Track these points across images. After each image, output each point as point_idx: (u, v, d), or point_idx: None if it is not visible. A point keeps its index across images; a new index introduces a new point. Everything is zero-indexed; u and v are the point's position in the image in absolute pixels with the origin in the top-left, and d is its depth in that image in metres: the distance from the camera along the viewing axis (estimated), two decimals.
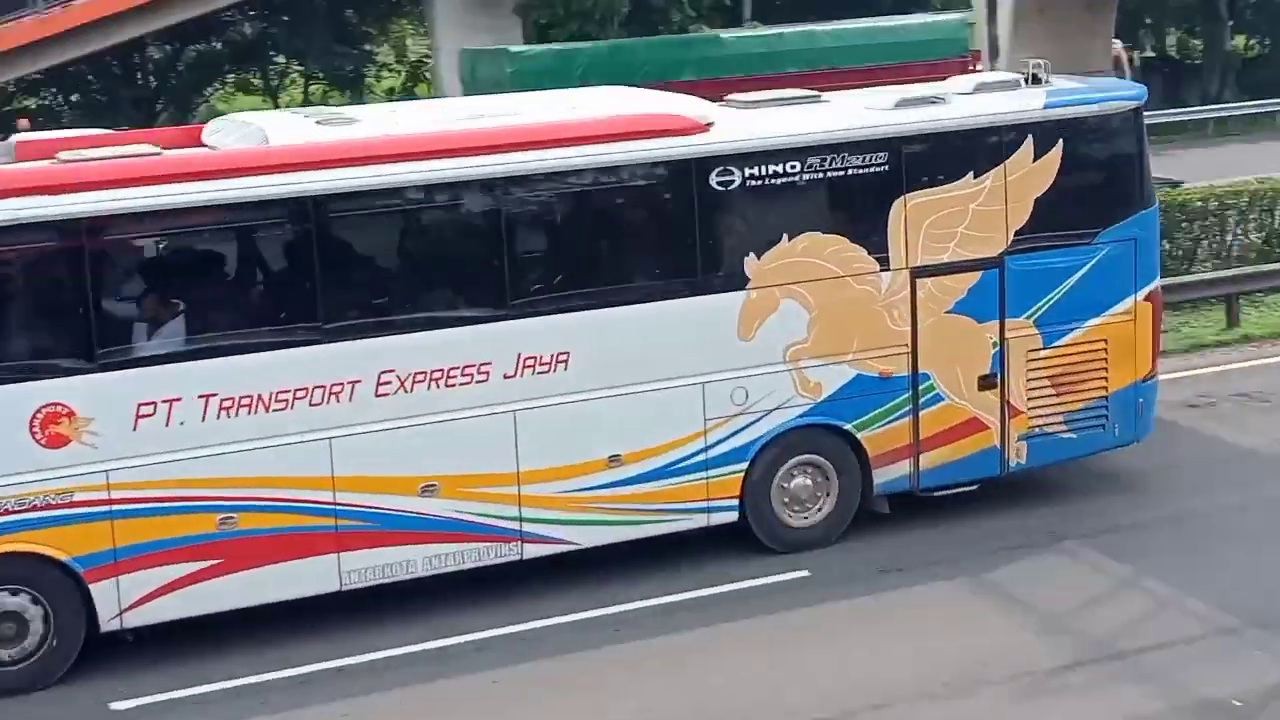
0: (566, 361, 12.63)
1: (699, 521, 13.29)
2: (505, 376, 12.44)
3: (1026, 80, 14.26)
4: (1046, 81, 14.28)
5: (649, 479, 13.06)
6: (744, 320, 13.14)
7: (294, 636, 11.97)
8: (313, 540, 12.04)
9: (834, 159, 13.24)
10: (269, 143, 12.33)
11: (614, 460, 12.91)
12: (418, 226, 12.79)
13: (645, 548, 13.07)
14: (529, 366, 12.56)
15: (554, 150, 12.50)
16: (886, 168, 13.36)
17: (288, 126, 13.06)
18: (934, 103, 13.79)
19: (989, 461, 14.03)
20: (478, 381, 12.35)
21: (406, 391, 12.14)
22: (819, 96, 14.17)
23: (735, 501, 13.35)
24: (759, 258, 13.10)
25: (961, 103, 13.81)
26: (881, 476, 13.72)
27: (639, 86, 15.80)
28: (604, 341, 12.78)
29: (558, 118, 13.26)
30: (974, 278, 13.70)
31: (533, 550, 12.81)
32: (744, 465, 13.32)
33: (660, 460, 13.08)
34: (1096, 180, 14.29)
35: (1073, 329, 14.03)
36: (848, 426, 13.53)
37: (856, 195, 13.52)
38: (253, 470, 11.78)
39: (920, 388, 13.69)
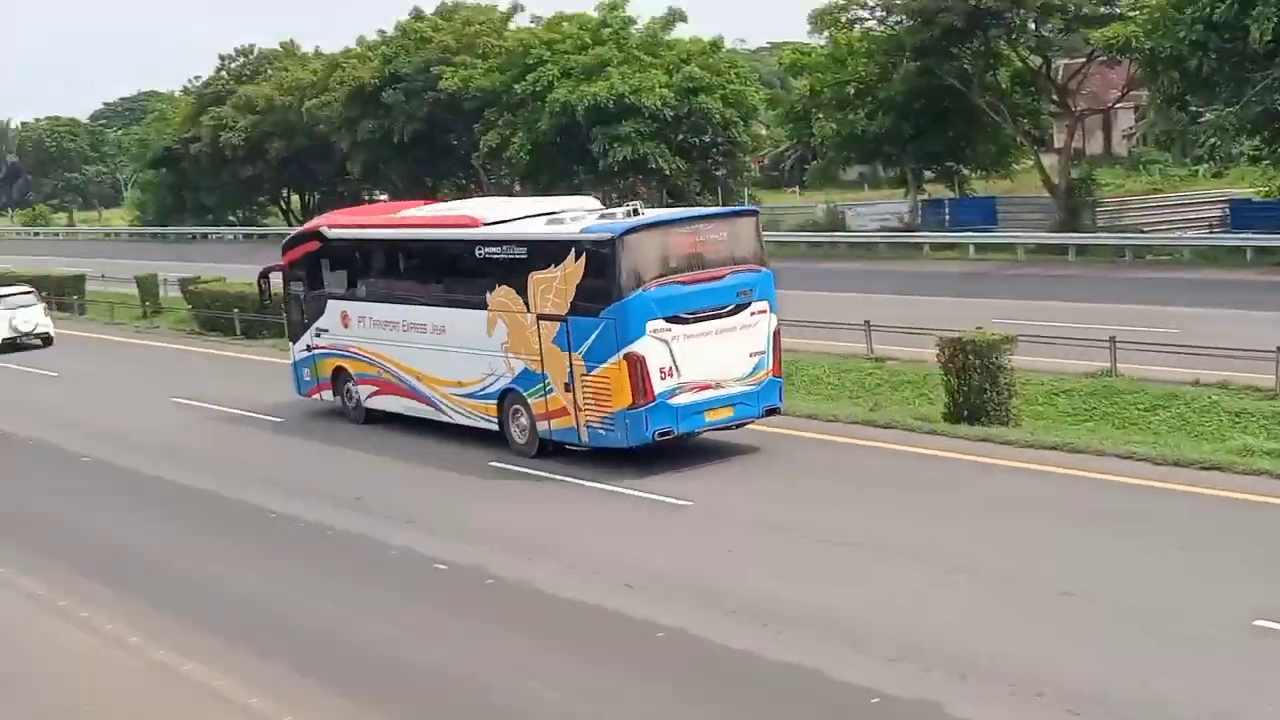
0: (444, 329, 26.37)
1: (491, 426, 25.65)
2: (429, 331, 26.76)
3: (628, 213, 23.97)
4: (638, 214, 23.98)
5: (471, 398, 25.95)
6: (487, 326, 25.19)
7: None
8: (395, 388, 27.99)
9: (510, 249, 24.85)
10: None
11: (461, 384, 26.08)
12: (428, 261, 27.87)
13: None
14: (436, 329, 26.56)
15: (436, 230, 27.77)
16: (527, 254, 24.32)
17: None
18: (548, 220, 24.98)
19: (574, 435, 23.84)
20: (429, 332, 26.84)
21: (421, 333, 27.02)
22: (554, 214, 25.36)
23: (496, 420, 25.54)
24: (489, 294, 25.02)
25: (562, 222, 24.33)
26: (540, 426, 24.43)
27: None
28: (454, 323, 26.07)
29: (439, 213, 29.51)
30: (557, 325, 23.55)
31: (451, 417, 26.68)
32: (495, 402, 25.37)
33: (473, 389, 25.78)
34: (600, 276, 22.81)
35: (598, 366, 22.90)
36: (524, 393, 24.59)
37: (521, 268, 24.28)
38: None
39: (545, 383, 23.98)
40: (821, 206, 69.66)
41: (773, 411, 24.04)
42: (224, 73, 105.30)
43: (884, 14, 60.00)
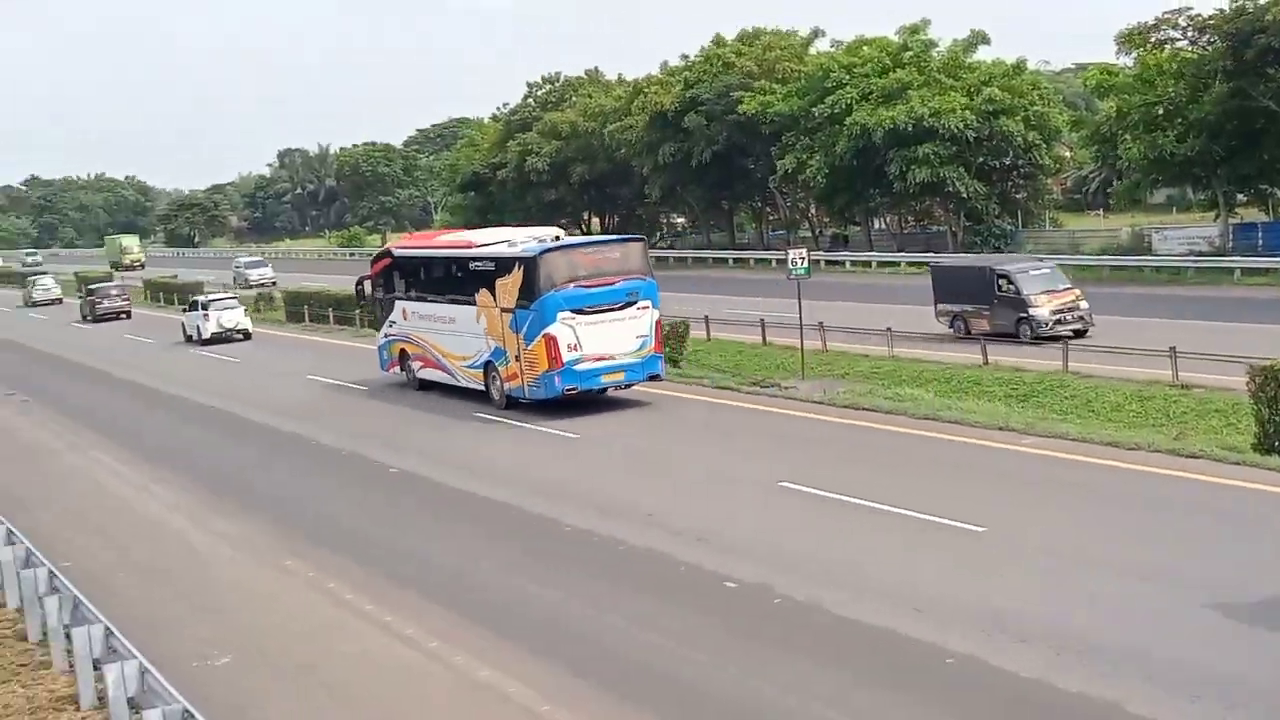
0: (454, 320, 37.03)
1: (479, 386, 36.13)
2: (447, 321, 37.49)
3: (556, 237, 37.03)
4: (559, 239, 36.62)
5: (470, 368, 36.35)
6: (476, 317, 35.52)
7: None
8: (432, 363, 38.90)
9: (485, 263, 35.53)
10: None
11: (464, 358, 36.60)
12: (445, 271, 38.36)
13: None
14: (450, 319, 37.22)
15: (448, 250, 39.86)
16: (494, 267, 34.84)
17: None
18: (508, 245, 35.97)
19: (521, 392, 33.97)
20: (447, 322, 37.79)
21: (443, 323, 38.00)
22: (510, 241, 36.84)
23: (483, 384, 35.86)
24: (477, 294, 35.42)
25: (514, 246, 35.31)
26: (506, 386, 34.72)
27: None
28: (459, 316, 36.52)
29: (454, 239, 43.40)
30: (510, 315, 33.75)
31: (461, 382, 37.28)
32: (482, 370, 35.84)
33: (471, 361, 36.31)
34: (528, 281, 33.13)
35: (530, 343, 33.03)
36: (496, 364, 34.86)
37: (491, 276, 34.73)
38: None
39: (506, 355, 34.23)
40: (1126, 230, 67.82)
41: (654, 378, 34.59)
42: (531, 100, 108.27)
43: (1195, 35, 58.18)
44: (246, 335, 60.34)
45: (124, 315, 77.46)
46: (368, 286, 43.30)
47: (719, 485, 25.57)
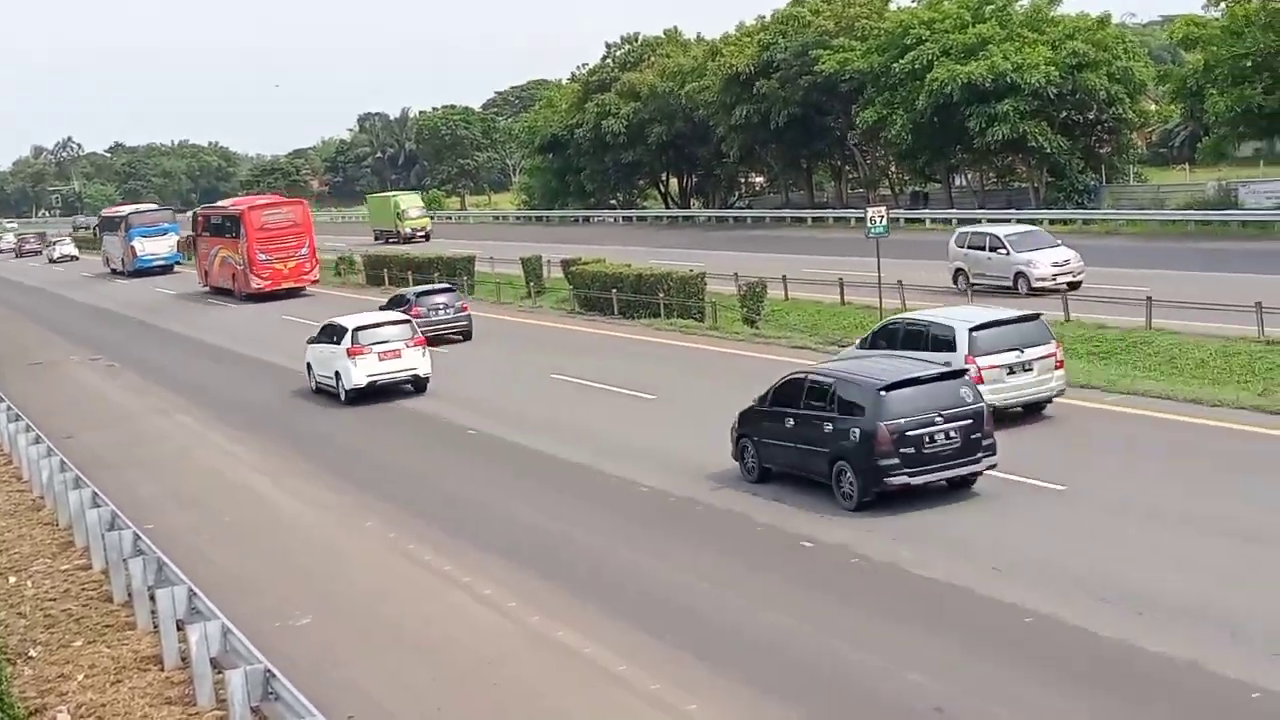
0: (115, 242, 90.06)
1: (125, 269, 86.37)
2: (113, 244, 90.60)
3: (138, 209, 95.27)
4: (140, 209, 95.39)
5: (119, 261, 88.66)
6: (115, 241, 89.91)
7: None
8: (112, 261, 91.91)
9: (116, 219, 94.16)
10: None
11: (114, 257, 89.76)
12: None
13: None
14: (114, 242, 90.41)
15: (114, 214, 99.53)
16: (119, 220, 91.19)
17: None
18: (123, 211, 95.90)
19: (128, 268, 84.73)
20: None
21: (112, 243, 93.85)
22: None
23: (123, 267, 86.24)
24: (115, 232, 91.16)
25: (124, 212, 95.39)
26: (124, 265, 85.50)
27: None
28: (118, 241, 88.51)
29: (119, 209, 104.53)
30: (124, 238, 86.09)
31: (116, 267, 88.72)
32: (121, 261, 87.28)
33: (118, 259, 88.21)
34: (125, 226, 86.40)
35: (128, 248, 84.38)
36: (122, 258, 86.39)
37: (118, 224, 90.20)
38: None
39: (123, 255, 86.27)
40: (1212, 184, 66.74)
41: (177, 263, 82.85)
42: (609, 60, 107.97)
43: None
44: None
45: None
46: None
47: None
